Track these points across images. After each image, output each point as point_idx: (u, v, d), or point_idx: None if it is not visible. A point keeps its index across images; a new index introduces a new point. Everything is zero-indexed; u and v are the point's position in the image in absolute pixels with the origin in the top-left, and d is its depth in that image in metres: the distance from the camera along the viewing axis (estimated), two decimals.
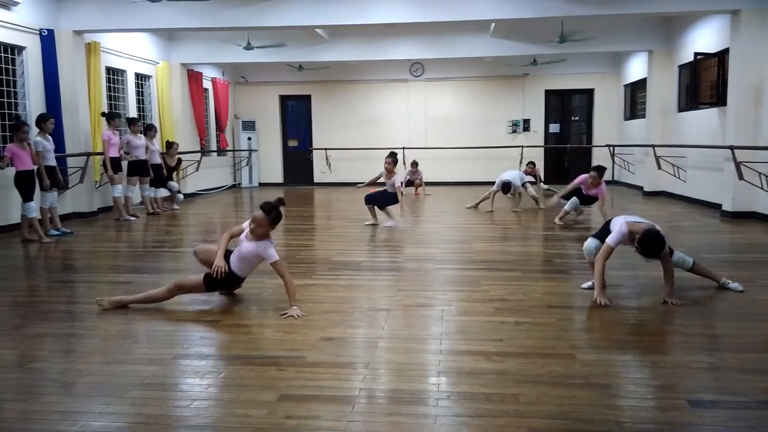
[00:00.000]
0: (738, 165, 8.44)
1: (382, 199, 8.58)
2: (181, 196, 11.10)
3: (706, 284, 4.93)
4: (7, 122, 8.58)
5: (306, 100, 16.54)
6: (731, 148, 8.59)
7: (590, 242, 4.78)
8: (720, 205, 9.38)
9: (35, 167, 7.64)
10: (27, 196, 7.49)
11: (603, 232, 4.68)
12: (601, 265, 4.38)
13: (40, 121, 7.98)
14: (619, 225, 4.45)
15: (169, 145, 11.22)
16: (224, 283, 4.43)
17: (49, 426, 2.61)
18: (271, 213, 4.24)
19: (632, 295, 4.74)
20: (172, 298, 4.40)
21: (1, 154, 7.85)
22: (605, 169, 8.38)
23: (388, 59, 13.61)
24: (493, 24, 11.50)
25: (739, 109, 8.85)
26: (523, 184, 10.09)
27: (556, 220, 8.44)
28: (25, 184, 7.48)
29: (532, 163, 13.08)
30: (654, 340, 3.70)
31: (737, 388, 2.93)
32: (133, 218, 9.54)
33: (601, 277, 4.38)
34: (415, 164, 13.65)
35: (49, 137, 8.04)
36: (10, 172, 7.61)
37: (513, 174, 10.13)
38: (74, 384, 3.06)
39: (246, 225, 4.39)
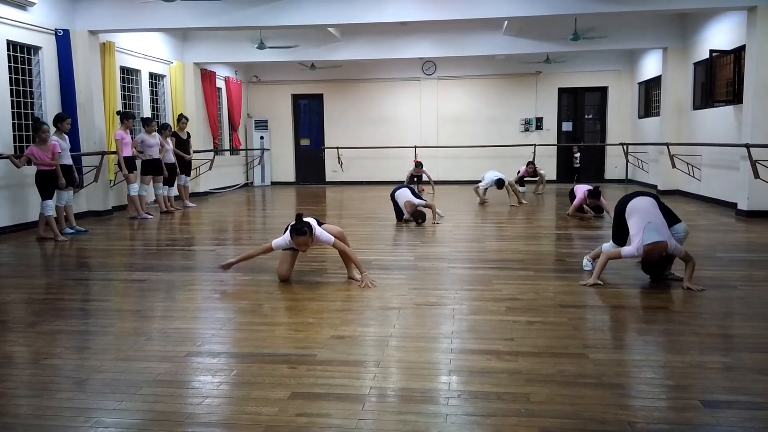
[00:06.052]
0: (754, 163, 8.34)
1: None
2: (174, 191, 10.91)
3: (722, 284, 4.89)
4: (23, 121, 8.69)
5: (318, 98, 16.57)
6: (747, 146, 8.50)
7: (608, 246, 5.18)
8: (735, 204, 9.28)
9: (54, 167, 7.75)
10: (46, 194, 7.62)
11: (618, 233, 5.06)
12: (605, 260, 4.88)
13: (58, 120, 8.08)
14: (636, 244, 4.68)
15: (179, 118, 11.39)
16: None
17: (62, 422, 2.63)
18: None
19: (646, 294, 4.71)
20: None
21: (19, 154, 7.96)
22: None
23: (400, 58, 13.60)
24: (506, 22, 11.45)
25: (756, 107, 8.74)
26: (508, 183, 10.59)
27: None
28: (44, 182, 7.63)
29: (531, 163, 13.00)
30: (668, 340, 3.66)
31: (752, 388, 2.89)
32: (150, 216, 9.63)
33: (601, 269, 4.87)
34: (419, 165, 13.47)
35: (65, 136, 8.14)
36: (28, 171, 7.70)
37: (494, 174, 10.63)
38: (88, 381, 3.08)
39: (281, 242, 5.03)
